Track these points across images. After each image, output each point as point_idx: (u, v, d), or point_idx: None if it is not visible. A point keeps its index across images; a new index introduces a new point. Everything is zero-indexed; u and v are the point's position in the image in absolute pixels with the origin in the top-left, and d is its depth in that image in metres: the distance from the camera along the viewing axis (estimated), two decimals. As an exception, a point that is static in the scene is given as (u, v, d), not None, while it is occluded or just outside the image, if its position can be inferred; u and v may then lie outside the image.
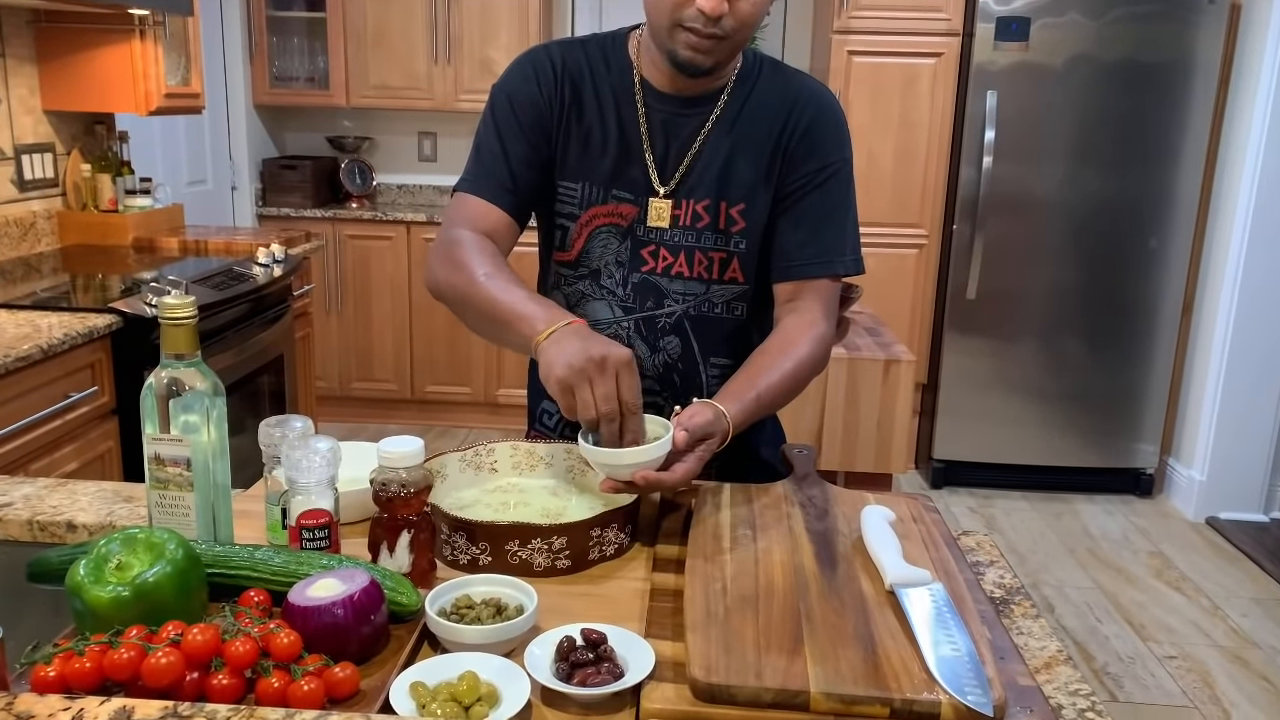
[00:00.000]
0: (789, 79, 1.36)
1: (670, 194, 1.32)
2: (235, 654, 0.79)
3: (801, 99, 1.33)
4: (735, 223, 1.32)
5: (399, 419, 4.52)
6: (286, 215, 4.37)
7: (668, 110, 1.32)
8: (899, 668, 0.83)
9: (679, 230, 1.32)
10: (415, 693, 0.79)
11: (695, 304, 1.34)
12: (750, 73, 1.34)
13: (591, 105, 1.33)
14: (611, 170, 1.32)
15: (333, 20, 4.32)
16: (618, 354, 1.07)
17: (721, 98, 1.32)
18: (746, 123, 1.32)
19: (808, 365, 1.30)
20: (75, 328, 2.08)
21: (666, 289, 1.34)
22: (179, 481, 0.96)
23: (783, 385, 1.27)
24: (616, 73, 1.33)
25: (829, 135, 1.33)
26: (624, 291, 1.35)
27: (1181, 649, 2.89)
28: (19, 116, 2.84)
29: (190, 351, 0.95)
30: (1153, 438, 3.96)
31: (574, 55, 1.35)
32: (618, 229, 1.34)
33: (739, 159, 1.31)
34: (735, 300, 1.36)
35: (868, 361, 2.28)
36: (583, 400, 1.07)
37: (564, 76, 1.33)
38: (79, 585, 0.84)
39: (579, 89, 1.33)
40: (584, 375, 1.06)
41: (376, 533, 0.99)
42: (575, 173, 1.33)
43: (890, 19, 3.80)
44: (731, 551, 1.04)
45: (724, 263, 1.34)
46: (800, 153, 1.32)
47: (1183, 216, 3.78)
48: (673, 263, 1.33)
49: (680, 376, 1.37)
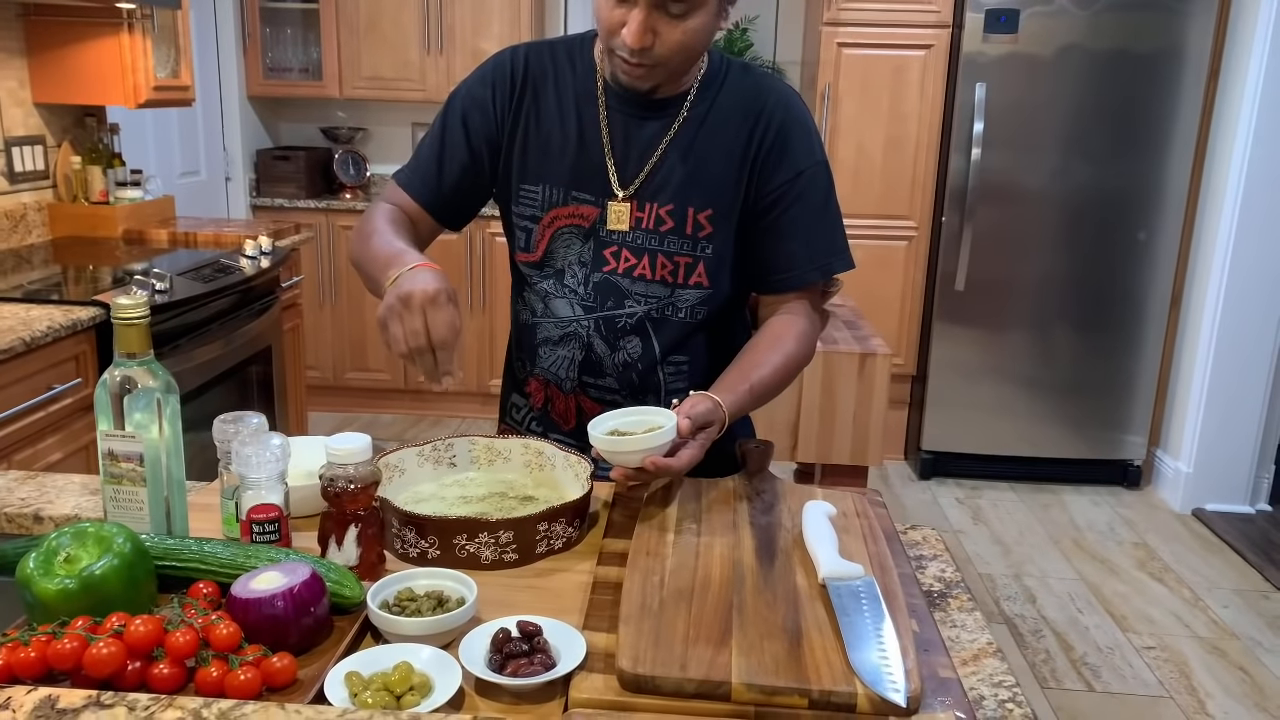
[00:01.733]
0: (756, 83, 1.36)
1: (630, 197, 1.33)
2: (176, 644, 0.82)
3: (769, 105, 1.33)
4: (703, 228, 1.33)
5: (392, 409, 4.55)
6: (280, 206, 4.40)
7: (630, 113, 1.33)
8: (821, 660, 0.86)
9: (642, 233, 1.34)
10: (350, 682, 0.82)
11: (658, 306, 1.36)
12: (716, 77, 1.35)
13: (552, 108, 1.35)
14: (571, 172, 1.34)
15: (325, 11, 4.34)
16: (423, 290, 1.09)
17: (686, 102, 1.33)
18: (713, 127, 1.33)
19: (796, 359, 1.35)
20: (59, 320, 2.11)
21: (628, 290, 1.35)
22: (132, 477, 0.99)
23: (773, 378, 1.31)
24: (581, 75, 1.35)
25: (799, 141, 1.33)
26: (585, 290, 1.37)
27: (1160, 640, 2.91)
28: (9, 109, 2.87)
29: (142, 350, 0.98)
30: (1141, 429, 3.97)
31: (540, 58, 1.37)
32: (580, 230, 1.35)
33: (706, 164, 1.32)
34: (699, 304, 1.37)
35: (844, 355, 2.30)
36: (392, 335, 1.10)
37: (525, 81, 1.35)
38: (28, 578, 0.86)
39: (539, 92, 1.35)
40: (394, 312, 1.10)
41: (325, 527, 1.02)
42: (535, 175, 1.36)
43: (880, 11, 3.80)
44: (675, 545, 1.06)
45: (689, 267, 1.35)
46: (772, 162, 1.32)
47: (1172, 208, 3.79)
48: (635, 264, 1.35)
49: (638, 375, 1.39)
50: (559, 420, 1.43)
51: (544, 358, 1.41)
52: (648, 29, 1.18)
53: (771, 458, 1.32)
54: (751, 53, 4.39)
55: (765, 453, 1.32)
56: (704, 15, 1.20)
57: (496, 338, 4.36)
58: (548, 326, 1.39)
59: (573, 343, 1.37)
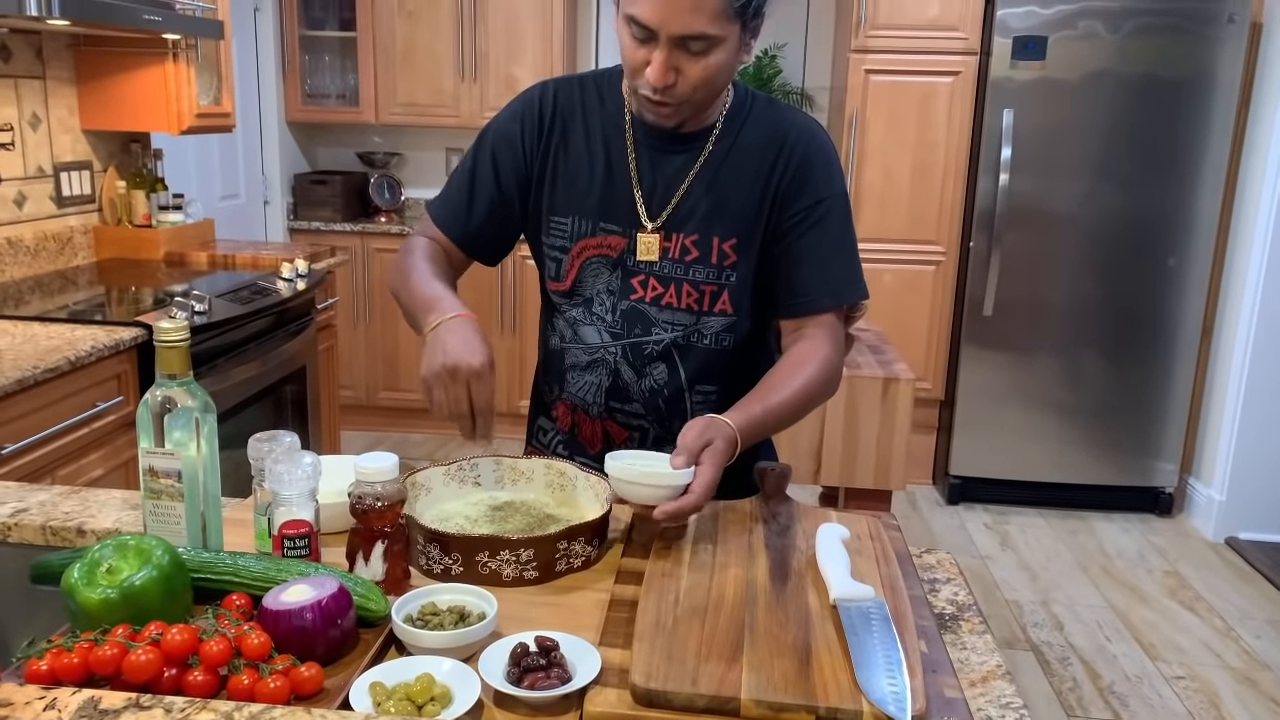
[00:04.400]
0: (780, 116, 1.39)
1: (659, 228, 1.37)
2: (210, 653, 0.86)
3: (791, 136, 1.36)
4: (727, 257, 1.37)
5: (423, 428, 4.61)
6: (317, 229, 4.49)
7: (657, 147, 1.37)
8: (829, 678, 0.88)
9: (669, 263, 1.37)
10: (374, 692, 0.86)
11: (684, 334, 1.39)
12: (741, 110, 1.38)
13: (580, 142, 1.39)
14: (599, 204, 1.38)
15: (363, 40, 4.45)
16: (468, 364, 1.18)
17: (712, 134, 1.37)
18: (737, 159, 1.36)
19: (817, 385, 1.36)
20: (103, 340, 2.18)
21: (655, 318, 1.39)
22: (170, 492, 1.03)
23: (791, 401, 1.32)
24: (610, 109, 1.39)
25: (820, 171, 1.36)
26: (612, 318, 1.40)
27: (1190, 669, 2.88)
28: (58, 136, 2.97)
29: (183, 372, 1.03)
30: (1172, 456, 3.94)
31: (569, 93, 1.41)
32: (608, 260, 1.39)
33: (730, 195, 1.36)
34: (724, 331, 1.40)
35: (868, 379, 2.32)
36: (435, 400, 1.20)
37: (554, 117, 1.39)
38: (73, 587, 0.91)
39: (568, 127, 1.39)
40: (440, 380, 1.19)
41: (353, 542, 1.06)
42: (565, 208, 1.40)
43: (908, 38, 3.84)
44: (690, 565, 1.09)
45: (714, 295, 1.38)
46: (793, 190, 1.35)
47: (1202, 234, 3.77)
48: (662, 293, 1.38)
49: (665, 403, 1.42)
50: (585, 444, 1.47)
51: (571, 382, 1.44)
52: (670, 68, 1.22)
53: (789, 481, 1.35)
54: (780, 79, 4.44)
55: (782, 476, 1.35)
56: (724, 51, 1.23)
57: (526, 360, 4.42)
58: (576, 352, 1.43)
59: (600, 369, 1.41)
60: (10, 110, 2.78)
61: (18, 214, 2.83)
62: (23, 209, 2.85)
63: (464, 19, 4.38)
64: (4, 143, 2.75)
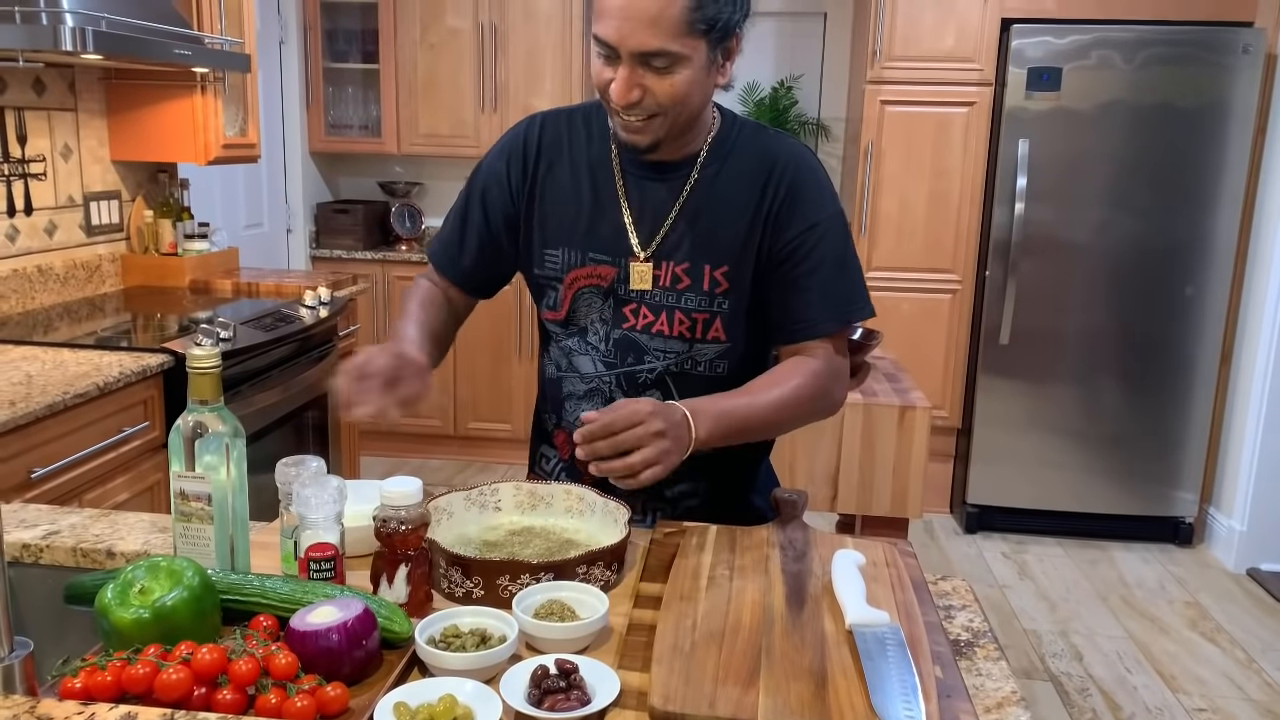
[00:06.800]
0: (768, 142, 1.39)
1: (650, 257, 1.38)
2: (239, 672, 0.88)
3: (780, 162, 1.37)
4: (719, 284, 1.37)
5: (441, 454, 4.64)
6: (339, 257, 4.55)
7: (644, 176, 1.38)
8: (845, 703, 0.89)
9: (660, 291, 1.38)
10: (398, 711, 0.88)
11: (677, 361, 1.39)
12: (728, 136, 1.39)
13: (566, 175, 1.41)
14: (587, 234, 1.39)
15: (385, 71, 4.52)
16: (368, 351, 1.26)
17: (698, 162, 1.38)
18: (725, 186, 1.37)
19: (800, 392, 1.35)
20: (130, 366, 2.22)
21: (646, 345, 1.39)
22: (200, 515, 1.06)
23: (764, 405, 1.33)
24: (596, 140, 1.41)
25: (811, 195, 1.36)
26: (606, 347, 1.41)
27: (1212, 701, 2.86)
28: (89, 166, 3.04)
29: (214, 397, 1.05)
30: (1192, 486, 3.92)
31: (555, 127, 1.44)
32: (599, 289, 1.40)
33: (720, 222, 1.36)
34: (719, 359, 1.40)
35: (884, 407, 2.33)
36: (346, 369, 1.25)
37: (539, 151, 1.42)
38: (106, 607, 0.94)
39: (555, 161, 1.42)
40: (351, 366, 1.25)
41: (377, 565, 1.08)
42: (555, 240, 1.41)
43: (923, 69, 3.88)
44: (707, 590, 1.11)
45: (706, 323, 1.38)
46: (785, 216, 1.35)
47: (1220, 262, 3.77)
48: (653, 321, 1.39)
49: None
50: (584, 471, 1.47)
51: (569, 411, 1.46)
52: (633, 84, 1.23)
53: (805, 508, 1.36)
54: (796, 110, 4.48)
55: (798, 503, 1.36)
56: (691, 70, 1.24)
57: (544, 386, 4.44)
58: (572, 381, 1.44)
59: (596, 397, 1.42)
60: (43, 141, 2.85)
61: (48, 242, 2.89)
62: (53, 237, 2.91)
63: (484, 50, 4.45)
64: (36, 173, 2.82)
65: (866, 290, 1.42)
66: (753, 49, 4.61)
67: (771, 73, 4.59)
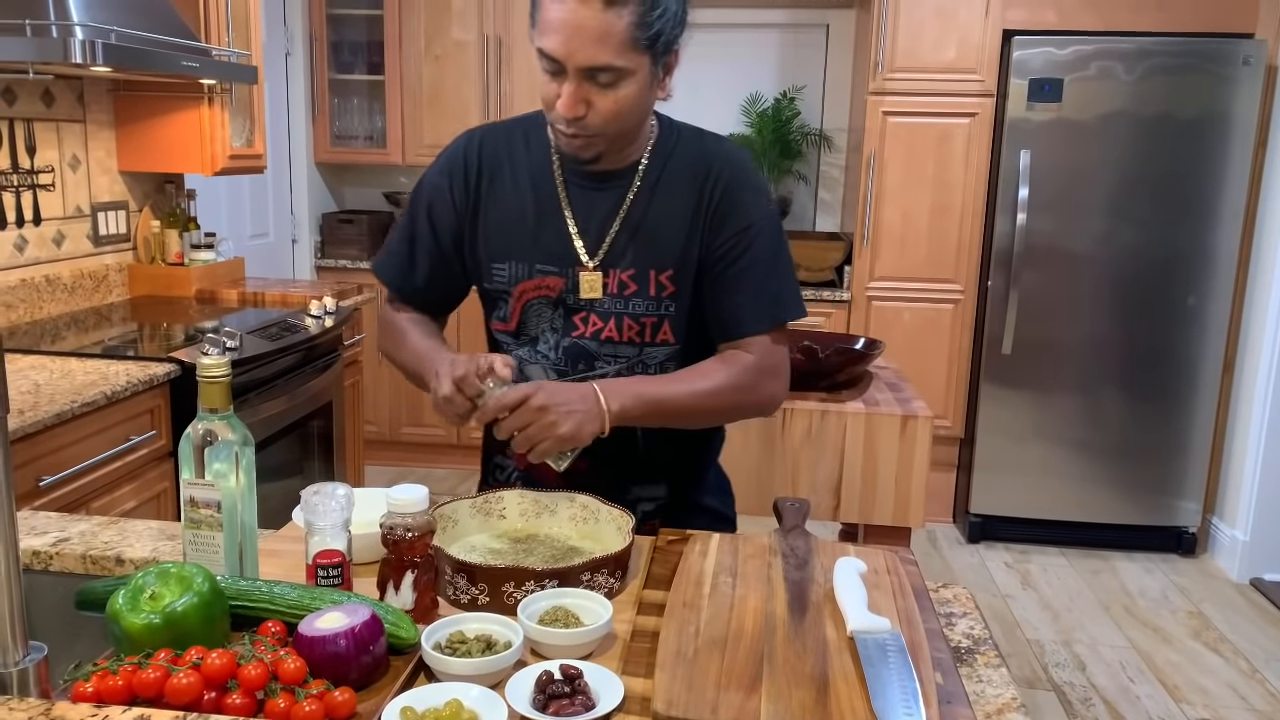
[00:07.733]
0: (704, 147, 1.42)
1: (598, 265, 1.39)
2: (248, 677, 0.89)
3: (715, 166, 1.39)
4: (665, 288, 1.39)
5: (445, 463, 4.65)
6: (343, 266, 4.57)
7: (586, 185, 1.40)
8: (846, 708, 0.91)
9: (609, 298, 1.39)
10: (405, 716, 0.89)
11: (628, 365, 1.41)
12: (666, 143, 1.41)
13: (508, 189, 1.42)
14: (533, 247, 1.40)
15: (391, 83, 4.55)
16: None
17: (639, 170, 1.39)
18: (665, 192, 1.39)
19: (721, 384, 1.37)
20: (137, 375, 2.24)
21: (596, 352, 1.41)
22: (210, 522, 1.07)
23: (686, 391, 1.35)
24: (536, 152, 1.42)
25: (747, 198, 1.39)
26: (556, 355, 1.42)
27: (1215, 711, 2.86)
28: (96, 177, 3.07)
29: (224, 406, 1.07)
30: (1195, 496, 3.92)
31: (494, 141, 1.44)
32: (549, 300, 1.41)
33: (662, 228, 1.38)
34: (668, 361, 1.42)
35: (886, 416, 2.34)
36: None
37: (480, 167, 1.43)
38: (117, 612, 0.95)
39: (495, 175, 1.43)
40: None
41: (384, 572, 1.09)
42: (501, 253, 1.43)
43: (925, 80, 3.90)
44: (710, 597, 1.12)
45: (655, 326, 1.40)
46: (720, 215, 1.38)
47: (1222, 273, 3.78)
48: (602, 328, 1.40)
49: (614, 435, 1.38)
50: (540, 480, 1.45)
51: None
52: (579, 99, 1.25)
53: (807, 516, 1.37)
54: (798, 121, 4.50)
55: (800, 510, 1.37)
56: (634, 84, 1.26)
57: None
58: None
59: None
60: (52, 153, 2.87)
61: (56, 252, 2.91)
62: (61, 247, 2.93)
63: (489, 62, 4.48)
64: (45, 184, 2.84)
65: (798, 291, 1.45)
66: (755, 60, 4.64)
67: (774, 84, 4.61)
